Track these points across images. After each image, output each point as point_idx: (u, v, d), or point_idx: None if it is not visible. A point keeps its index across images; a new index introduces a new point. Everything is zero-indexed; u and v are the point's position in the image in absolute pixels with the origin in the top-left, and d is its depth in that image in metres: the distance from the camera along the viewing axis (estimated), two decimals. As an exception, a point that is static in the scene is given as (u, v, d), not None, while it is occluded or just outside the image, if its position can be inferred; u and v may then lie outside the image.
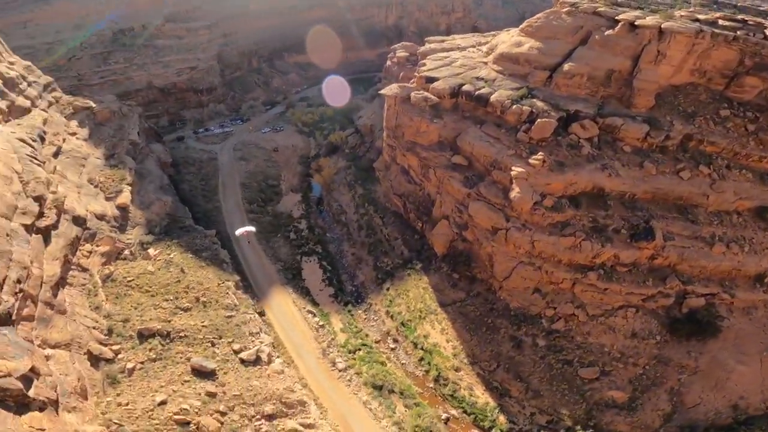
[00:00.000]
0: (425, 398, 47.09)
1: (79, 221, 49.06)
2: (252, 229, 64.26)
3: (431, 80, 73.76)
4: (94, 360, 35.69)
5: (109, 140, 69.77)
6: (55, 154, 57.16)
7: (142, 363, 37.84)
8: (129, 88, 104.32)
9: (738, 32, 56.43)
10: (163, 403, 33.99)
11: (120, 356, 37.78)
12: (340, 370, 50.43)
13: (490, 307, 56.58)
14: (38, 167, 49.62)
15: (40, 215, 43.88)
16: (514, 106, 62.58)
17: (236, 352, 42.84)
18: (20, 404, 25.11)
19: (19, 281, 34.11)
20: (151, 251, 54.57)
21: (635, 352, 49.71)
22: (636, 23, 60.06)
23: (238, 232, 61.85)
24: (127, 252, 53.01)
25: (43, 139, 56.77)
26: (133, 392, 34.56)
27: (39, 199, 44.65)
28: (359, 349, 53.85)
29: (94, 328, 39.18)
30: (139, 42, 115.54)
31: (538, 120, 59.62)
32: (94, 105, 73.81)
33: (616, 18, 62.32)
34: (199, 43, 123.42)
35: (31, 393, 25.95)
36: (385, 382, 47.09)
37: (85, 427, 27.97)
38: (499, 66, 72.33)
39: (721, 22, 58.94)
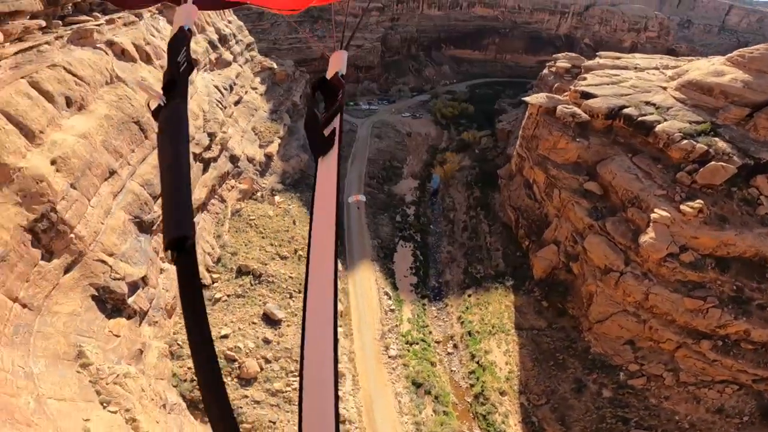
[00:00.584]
0: (457, 410, 47.01)
1: (233, 159, 61.10)
2: (363, 198, 69.17)
3: (587, 96, 67.96)
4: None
5: (278, 98, 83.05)
6: (236, 103, 71.06)
7: (228, 296, 43.70)
8: (307, 56, 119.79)
9: None
10: (224, 337, 38.37)
11: (215, 285, 44.73)
12: (390, 357, 52.07)
13: (567, 344, 52.67)
14: (219, 111, 63.05)
15: (208, 148, 56.44)
16: (685, 141, 54.06)
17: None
18: (115, 308, 31.93)
19: None
20: (277, 198, 64.63)
21: (709, 428, 41.69)
22: None
23: (350, 199, 68.45)
24: (259, 194, 63.83)
25: (231, 89, 71.19)
26: (212, 318, 40.89)
27: (211, 136, 57.30)
28: (417, 343, 54.77)
29: (208, 254, 48.82)
30: (324, 15, 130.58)
31: (713, 162, 50.88)
32: (275, 66, 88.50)
33: None
34: (369, 24, 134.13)
35: (130, 300, 33.23)
36: (426, 381, 47.70)
37: (152, 342, 35.13)
38: (682, 94, 62.90)
39: None
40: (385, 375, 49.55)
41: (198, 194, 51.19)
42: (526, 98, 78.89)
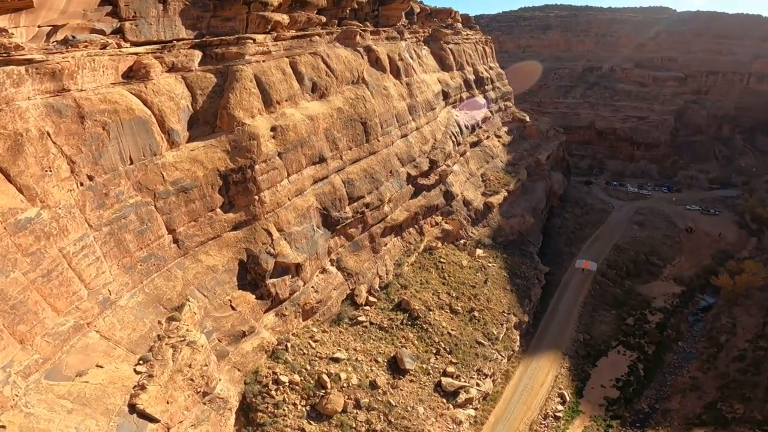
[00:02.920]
0: None
1: (448, 196, 55.28)
2: (594, 267, 59.42)
3: None
4: (350, 298, 38.26)
5: (521, 152, 74.88)
6: (474, 144, 66.66)
7: (371, 323, 37.33)
8: (572, 123, 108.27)
9: None
10: (335, 359, 32.34)
11: (366, 308, 38.58)
12: None
13: None
14: (451, 144, 59.37)
15: (425, 174, 52.47)
16: None
17: (445, 373, 36.30)
18: (253, 282, 28.91)
19: (367, 206, 41.38)
20: (479, 251, 54.43)
21: None
22: None
23: (579, 263, 58.22)
24: (462, 242, 55.06)
25: (473, 130, 67.62)
26: (334, 338, 34.26)
27: (433, 163, 53.42)
28: None
29: (379, 276, 42.59)
30: (602, 82, 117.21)
31: None
32: (528, 120, 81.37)
33: None
34: (661, 94, 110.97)
35: (270, 281, 29.33)
36: None
37: (263, 331, 29.86)
38: None
39: None
40: None
41: (397, 215, 47.08)
42: None
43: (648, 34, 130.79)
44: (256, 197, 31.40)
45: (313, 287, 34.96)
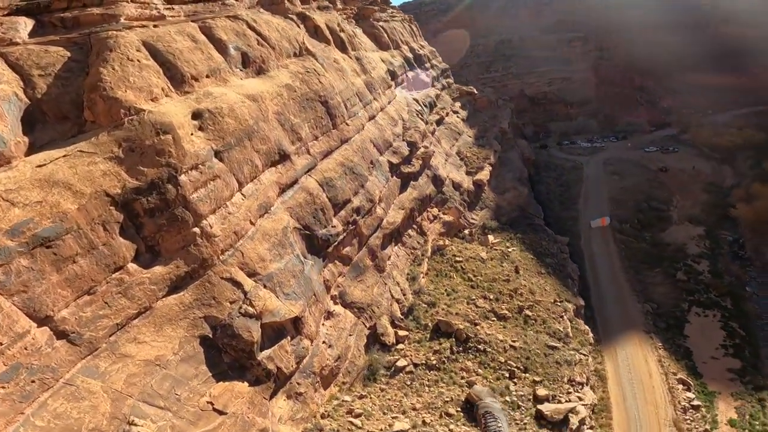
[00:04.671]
0: None
1: (437, 181, 44.66)
2: (608, 221, 54.53)
3: None
4: (373, 339, 26.63)
5: (483, 124, 67.36)
6: (438, 122, 57.08)
7: (416, 365, 26.38)
8: (503, 95, 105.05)
9: None
10: None
11: (400, 347, 27.45)
12: None
13: None
14: (420, 121, 49.11)
15: (407, 161, 41.36)
16: None
17: (537, 399, 25.83)
18: (236, 365, 16.68)
19: (357, 212, 29.40)
20: (491, 238, 44.68)
21: None
22: None
23: (594, 223, 53.30)
24: (467, 231, 45.10)
25: (432, 107, 58.18)
26: (378, 402, 22.97)
27: (411, 146, 42.48)
28: None
29: (397, 300, 30.95)
30: (516, 53, 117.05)
31: None
32: (476, 92, 74.54)
33: None
34: (572, 55, 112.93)
35: (262, 355, 17.30)
36: None
37: (281, 428, 17.53)
38: None
39: None
40: None
41: (392, 216, 35.12)
42: None
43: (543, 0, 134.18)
44: (196, 229, 17.70)
45: (324, 342, 21.87)
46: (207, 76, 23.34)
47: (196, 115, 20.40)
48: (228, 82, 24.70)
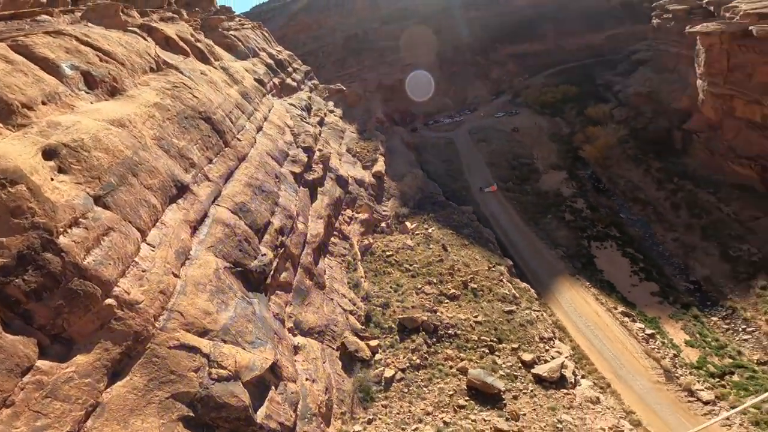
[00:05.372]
0: None
1: (341, 182, 42.61)
2: (496, 186, 59.54)
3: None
4: (347, 359, 24.46)
5: (360, 118, 67.51)
6: (320, 124, 54.72)
7: (402, 370, 25.13)
8: (367, 89, 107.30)
9: None
10: None
11: (377, 357, 25.83)
12: (703, 402, 29.07)
13: None
14: (308, 125, 46.26)
15: (308, 168, 38.37)
16: None
17: (526, 365, 26.80)
18: (240, 425, 13.39)
19: (281, 232, 26.01)
20: (408, 224, 44.79)
21: None
22: None
23: (487, 189, 57.95)
24: (383, 224, 44.46)
25: (309, 110, 55.48)
26: (390, 419, 21.29)
27: (308, 151, 39.50)
28: (731, 373, 31.76)
29: (351, 312, 28.75)
30: (365, 46, 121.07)
31: None
32: (345, 89, 74.19)
33: None
34: (415, 41, 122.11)
35: (259, 416, 14.15)
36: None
37: None
38: None
39: None
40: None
41: (314, 228, 31.96)
42: (695, 28, 58.79)
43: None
44: (110, 301, 12.70)
45: (307, 378, 18.56)
46: (43, 103, 17.32)
47: (50, 154, 14.76)
48: (75, 107, 18.81)
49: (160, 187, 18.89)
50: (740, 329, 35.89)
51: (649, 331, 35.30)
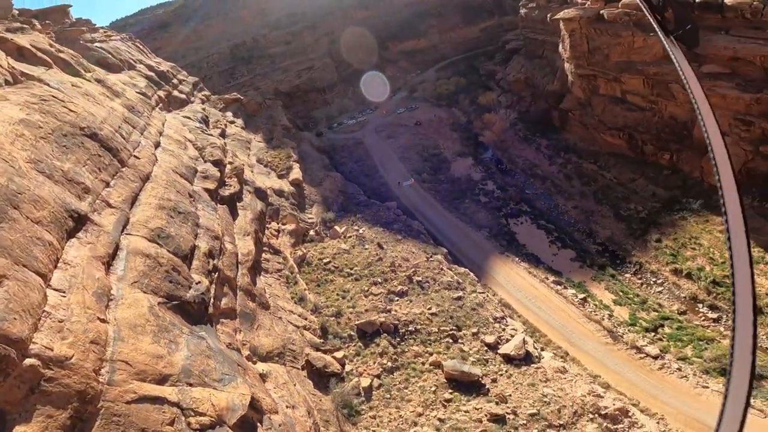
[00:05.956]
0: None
1: (261, 194, 39.54)
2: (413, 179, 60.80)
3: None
4: (317, 376, 22.84)
5: (264, 127, 63.61)
6: (222, 135, 50.27)
7: (377, 377, 24.34)
8: (266, 96, 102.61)
9: None
10: None
11: (347, 368, 24.56)
12: (653, 357, 32.14)
13: None
14: (211, 137, 42.03)
15: (223, 183, 34.76)
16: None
17: (491, 347, 27.71)
18: None
19: (211, 255, 23.03)
20: (338, 228, 43.41)
21: None
22: None
23: (407, 183, 58.95)
24: (312, 232, 42.50)
25: (207, 122, 50.61)
26: (382, 430, 20.58)
27: (218, 164, 35.75)
28: (661, 326, 35.09)
29: (305, 327, 26.81)
30: (255, 54, 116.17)
31: None
32: (242, 98, 69.53)
33: None
34: (305, 45, 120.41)
35: None
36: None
37: None
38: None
39: None
40: (679, 384, 29.26)
41: (244, 247, 28.92)
42: (558, 15, 66.68)
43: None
44: (32, 361, 9.47)
45: (287, 406, 16.51)
46: None
47: None
48: None
49: (52, 219, 15.06)
50: (651, 282, 40.31)
51: (581, 296, 38.08)
